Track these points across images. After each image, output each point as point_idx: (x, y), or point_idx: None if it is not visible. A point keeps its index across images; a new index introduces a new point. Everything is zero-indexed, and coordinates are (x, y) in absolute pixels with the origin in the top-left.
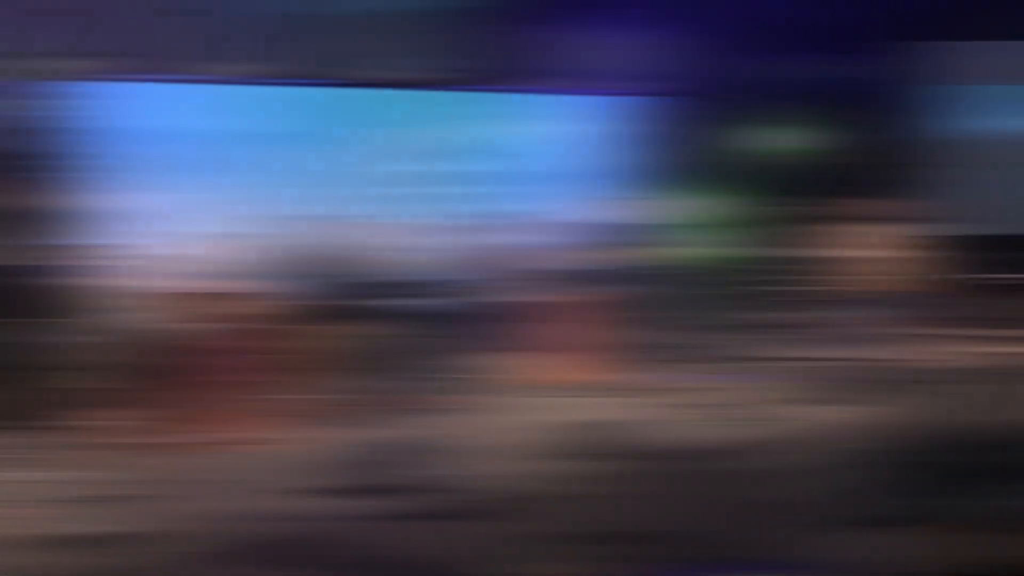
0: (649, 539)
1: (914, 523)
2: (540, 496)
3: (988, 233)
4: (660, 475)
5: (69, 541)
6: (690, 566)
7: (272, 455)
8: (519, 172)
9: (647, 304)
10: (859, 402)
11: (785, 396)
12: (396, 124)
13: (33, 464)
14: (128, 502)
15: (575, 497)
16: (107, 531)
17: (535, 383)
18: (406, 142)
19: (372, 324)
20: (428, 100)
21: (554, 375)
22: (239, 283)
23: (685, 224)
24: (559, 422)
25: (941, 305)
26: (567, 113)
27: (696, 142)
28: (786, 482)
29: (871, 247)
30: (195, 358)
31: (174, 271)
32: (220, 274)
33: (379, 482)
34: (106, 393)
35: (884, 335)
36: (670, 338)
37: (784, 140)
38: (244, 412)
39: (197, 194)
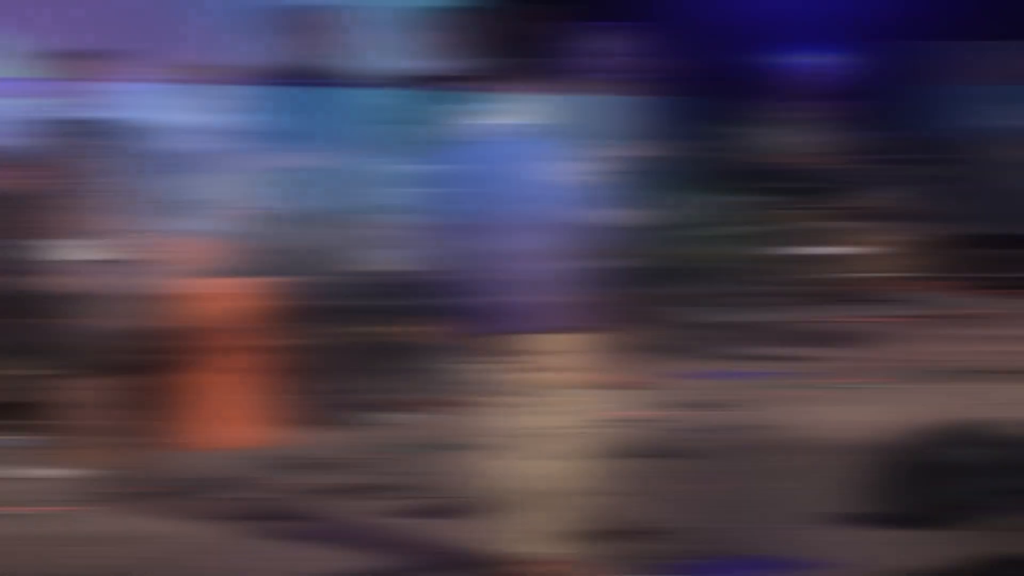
0: (649, 537)
1: (914, 523)
2: (537, 495)
3: (988, 233)
4: (659, 473)
5: (71, 541)
6: (690, 564)
7: (272, 454)
8: (516, 172)
9: (647, 303)
10: (859, 401)
11: (785, 395)
12: (392, 123)
13: (34, 464)
14: (128, 501)
15: (573, 496)
16: (107, 531)
17: (533, 383)
18: (402, 141)
19: (370, 323)
20: (424, 99)
21: (552, 375)
22: (234, 282)
23: (685, 223)
24: (558, 421)
25: (941, 304)
26: (565, 112)
27: (696, 141)
28: (786, 481)
29: (871, 245)
30: (193, 357)
31: (170, 270)
32: (216, 273)
33: (378, 481)
34: (105, 393)
35: (885, 334)
36: (670, 337)
37: (784, 139)
38: (243, 411)
39: (193, 193)
